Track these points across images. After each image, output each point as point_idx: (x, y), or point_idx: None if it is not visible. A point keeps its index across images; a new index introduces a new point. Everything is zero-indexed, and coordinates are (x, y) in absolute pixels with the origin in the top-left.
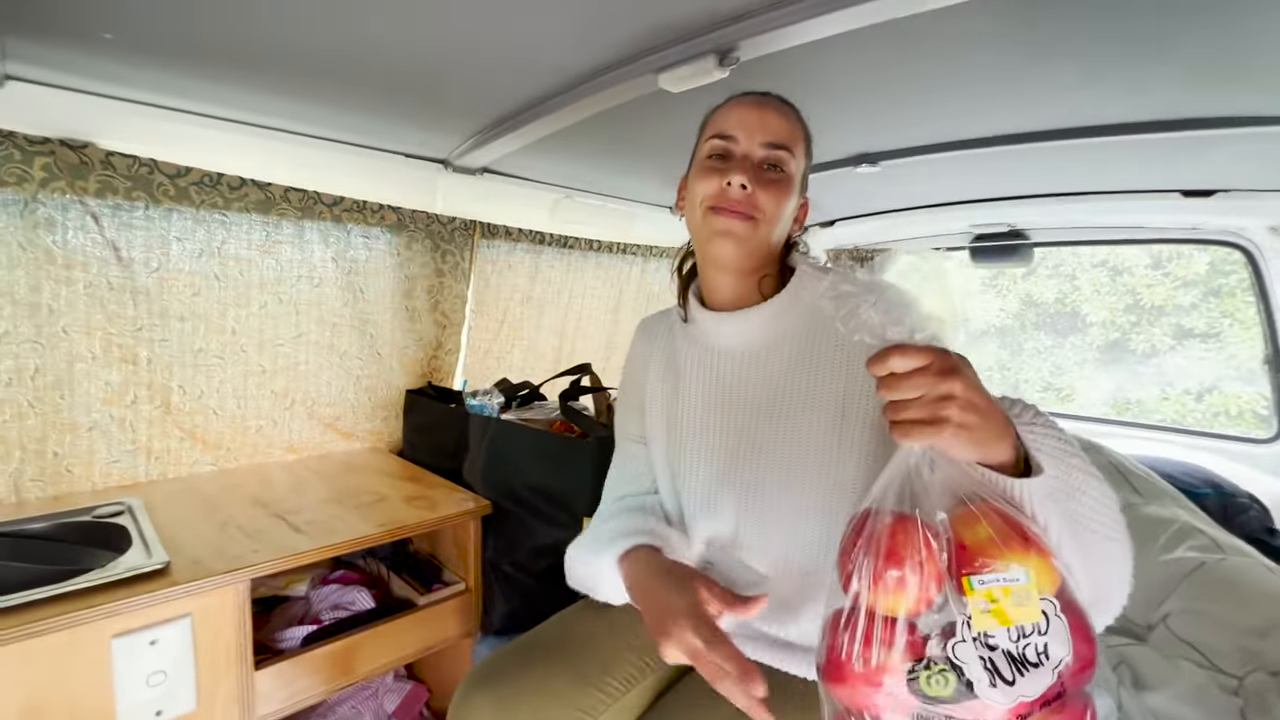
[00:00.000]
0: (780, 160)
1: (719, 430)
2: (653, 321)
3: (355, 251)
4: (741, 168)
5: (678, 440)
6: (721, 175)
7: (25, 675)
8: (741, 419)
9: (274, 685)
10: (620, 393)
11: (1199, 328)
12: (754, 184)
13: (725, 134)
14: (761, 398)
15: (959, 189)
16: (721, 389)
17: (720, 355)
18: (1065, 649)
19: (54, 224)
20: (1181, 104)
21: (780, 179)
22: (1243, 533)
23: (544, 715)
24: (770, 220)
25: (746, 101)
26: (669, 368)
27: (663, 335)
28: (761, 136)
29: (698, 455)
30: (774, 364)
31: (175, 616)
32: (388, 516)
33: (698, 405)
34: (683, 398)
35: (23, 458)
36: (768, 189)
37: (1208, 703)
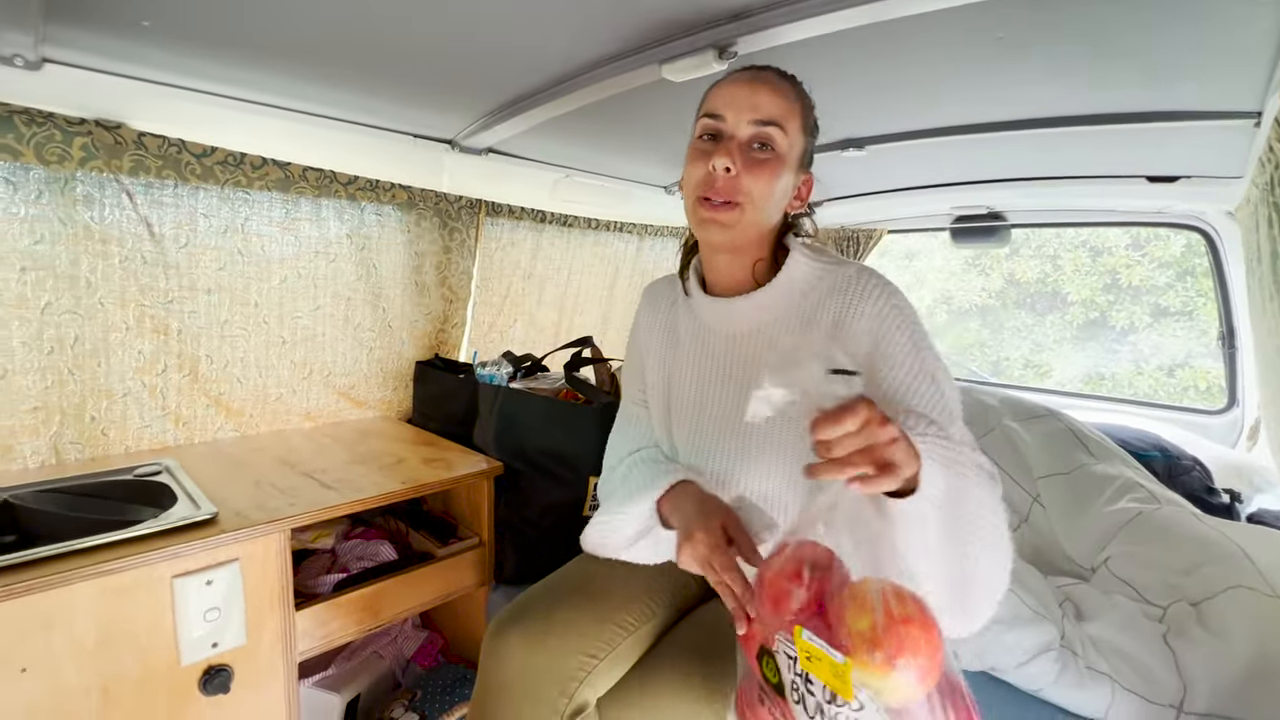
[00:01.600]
0: (768, 138)
1: (709, 403)
2: (659, 287)
3: (368, 229)
4: (725, 149)
5: (674, 407)
6: (707, 159)
7: (99, 610)
8: (729, 395)
9: (312, 624)
10: (626, 356)
11: (1174, 306)
12: (740, 166)
13: (714, 112)
14: (750, 377)
15: (940, 172)
16: (714, 365)
17: (714, 334)
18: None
19: (92, 201)
20: (1140, 98)
21: (768, 159)
22: (1184, 491)
23: (569, 648)
24: (758, 203)
25: (739, 78)
26: (670, 336)
27: (666, 303)
28: (750, 114)
29: (688, 425)
30: (762, 346)
31: (226, 560)
32: (409, 475)
33: (691, 378)
34: (680, 368)
35: (63, 421)
36: (754, 170)
37: (1135, 628)
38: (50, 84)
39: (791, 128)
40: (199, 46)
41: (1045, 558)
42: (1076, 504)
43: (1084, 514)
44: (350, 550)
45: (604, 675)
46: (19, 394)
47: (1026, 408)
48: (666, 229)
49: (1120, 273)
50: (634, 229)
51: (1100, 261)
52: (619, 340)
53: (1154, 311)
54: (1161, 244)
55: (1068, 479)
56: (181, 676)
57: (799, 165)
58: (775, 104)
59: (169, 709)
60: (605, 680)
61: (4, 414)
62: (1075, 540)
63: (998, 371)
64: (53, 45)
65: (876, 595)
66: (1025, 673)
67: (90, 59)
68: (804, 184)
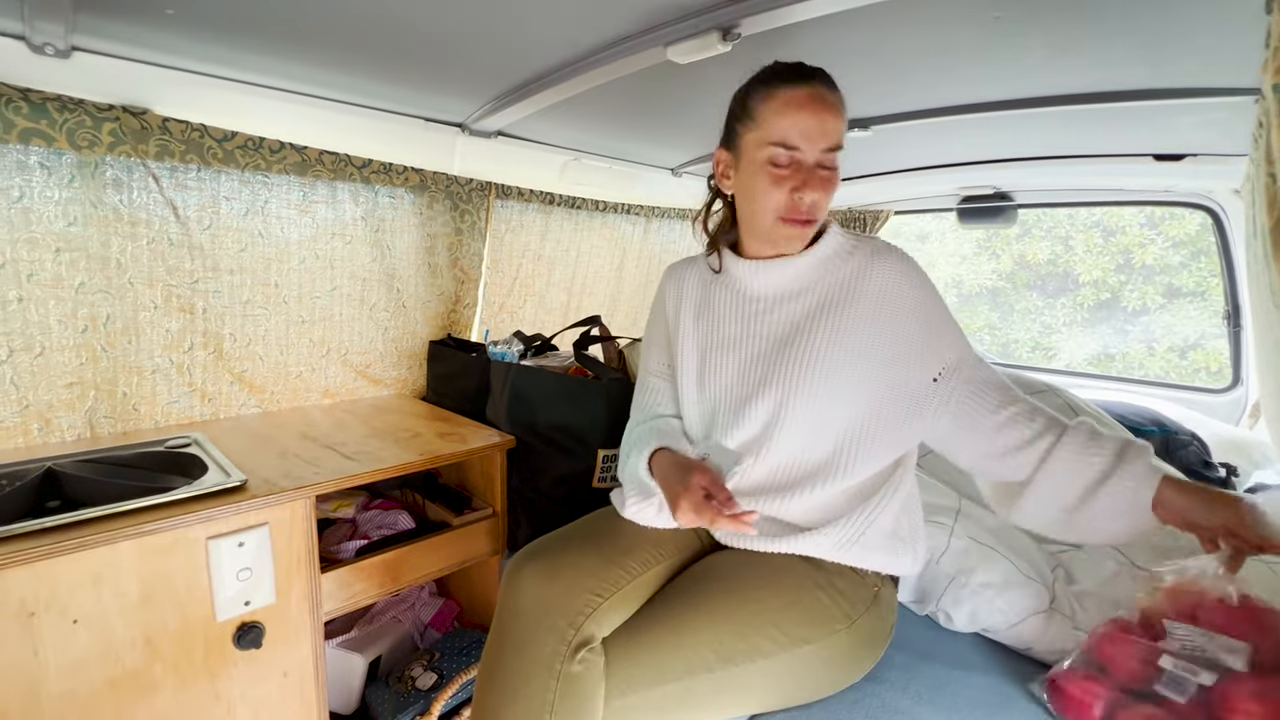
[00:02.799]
0: (833, 162)
1: (749, 361)
2: (681, 268)
3: (382, 211)
4: (810, 183)
5: (710, 371)
6: (789, 187)
7: (141, 569)
8: (771, 348)
9: (336, 587)
10: (647, 331)
11: (1188, 286)
12: (818, 192)
13: (789, 144)
14: (788, 333)
15: (946, 153)
16: (754, 325)
17: (751, 299)
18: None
19: (121, 184)
20: (1144, 76)
21: (834, 175)
22: (1181, 464)
23: (578, 584)
24: (824, 210)
25: (804, 104)
26: (703, 310)
27: (693, 282)
28: (823, 142)
29: (730, 381)
30: (800, 306)
31: (256, 524)
32: (425, 448)
33: (731, 342)
34: (717, 333)
35: (96, 397)
36: (825, 188)
37: (1119, 585)
38: (79, 71)
39: (845, 139)
40: (219, 34)
41: None
42: None
43: None
44: (370, 520)
45: (609, 613)
46: (56, 370)
47: (1026, 383)
48: (674, 211)
49: (1133, 252)
50: (641, 211)
51: (1113, 241)
52: (626, 320)
53: (1167, 292)
54: (1176, 222)
55: None
56: (217, 631)
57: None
58: (839, 127)
59: (207, 661)
60: (611, 618)
61: (43, 389)
62: None
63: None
64: (81, 34)
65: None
66: (1016, 633)
67: (116, 47)
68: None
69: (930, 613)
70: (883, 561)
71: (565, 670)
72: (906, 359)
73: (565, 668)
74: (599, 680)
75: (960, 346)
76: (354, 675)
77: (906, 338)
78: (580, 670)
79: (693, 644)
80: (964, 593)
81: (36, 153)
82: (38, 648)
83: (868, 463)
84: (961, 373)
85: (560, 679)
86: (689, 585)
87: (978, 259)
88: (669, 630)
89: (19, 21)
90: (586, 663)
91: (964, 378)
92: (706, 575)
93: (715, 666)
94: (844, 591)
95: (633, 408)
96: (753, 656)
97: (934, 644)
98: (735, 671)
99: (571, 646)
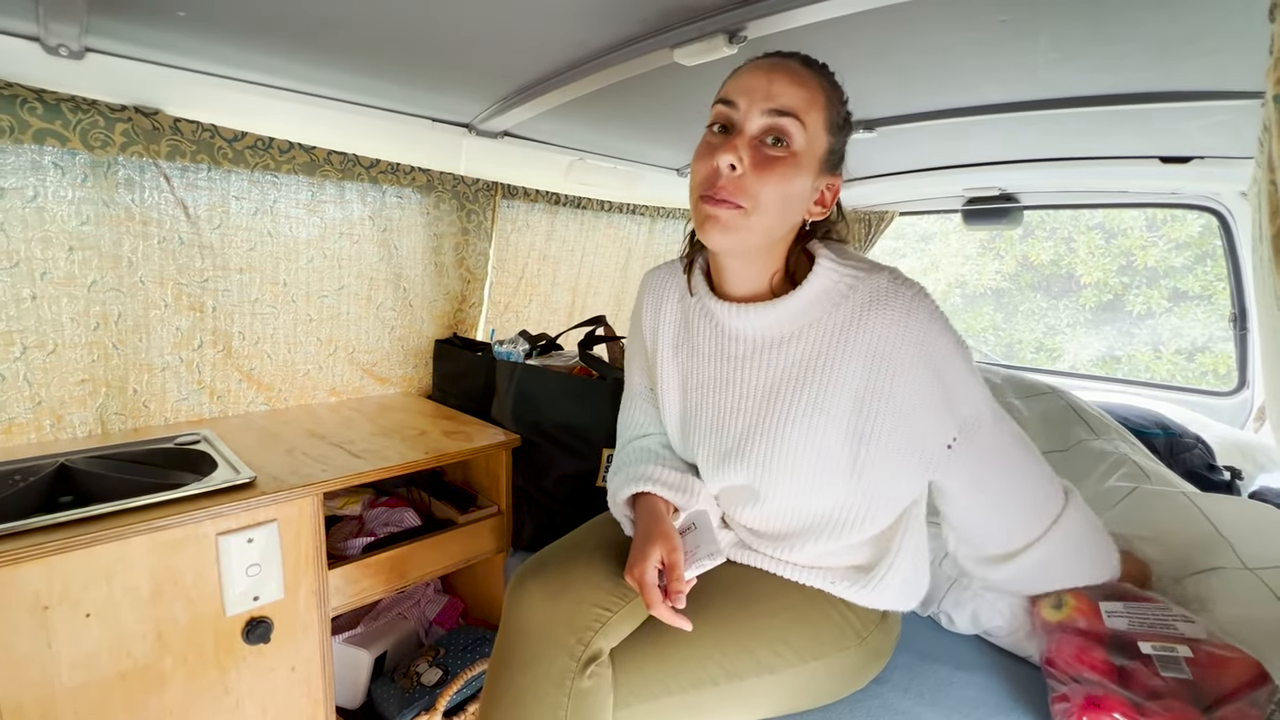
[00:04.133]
0: (782, 130)
1: (730, 411)
2: (662, 277)
3: (389, 211)
4: (732, 145)
5: (692, 411)
6: (713, 154)
7: (153, 563)
8: (753, 403)
9: (343, 583)
10: (628, 341)
11: (1193, 290)
12: (748, 163)
13: (727, 98)
14: (773, 387)
15: (952, 154)
16: (735, 370)
17: (733, 340)
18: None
19: (133, 184)
20: (1151, 78)
21: (781, 156)
22: (1185, 467)
23: (585, 599)
24: (765, 207)
25: (759, 64)
26: (684, 337)
27: (673, 302)
28: (764, 103)
29: (709, 430)
30: (787, 357)
31: (265, 521)
32: (431, 446)
33: (711, 383)
34: (698, 372)
35: (107, 394)
36: (764, 169)
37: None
38: (92, 72)
39: (812, 120)
40: (230, 35)
41: None
42: (1071, 480)
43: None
44: (376, 517)
45: (617, 627)
46: (68, 367)
47: (1029, 385)
48: (678, 211)
49: (1135, 254)
50: (646, 211)
51: (1115, 243)
52: None
53: (1172, 295)
54: (1177, 224)
55: (1065, 456)
56: (227, 626)
57: (821, 166)
58: (794, 93)
59: (217, 655)
60: (618, 632)
61: (55, 385)
62: None
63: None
64: (95, 35)
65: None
66: (1016, 639)
67: (129, 48)
68: (829, 188)
69: (932, 614)
70: (892, 602)
71: (576, 687)
72: (911, 424)
73: (576, 684)
74: (609, 693)
75: (976, 403)
76: (360, 670)
77: (910, 402)
78: (591, 685)
79: (699, 657)
80: (965, 595)
81: (51, 152)
82: (51, 640)
83: (872, 521)
84: (978, 438)
85: (571, 696)
86: (697, 598)
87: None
88: (676, 643)
89: (34, 23)
90: (596, 677)
91: (980, 445)
92: (714, 588)
93: (721, 680)
94: (854, 609)
95: (622, 412)
96: (759, 672)
97: (936, 645)
98: (741, 685)
99: (581, 662)
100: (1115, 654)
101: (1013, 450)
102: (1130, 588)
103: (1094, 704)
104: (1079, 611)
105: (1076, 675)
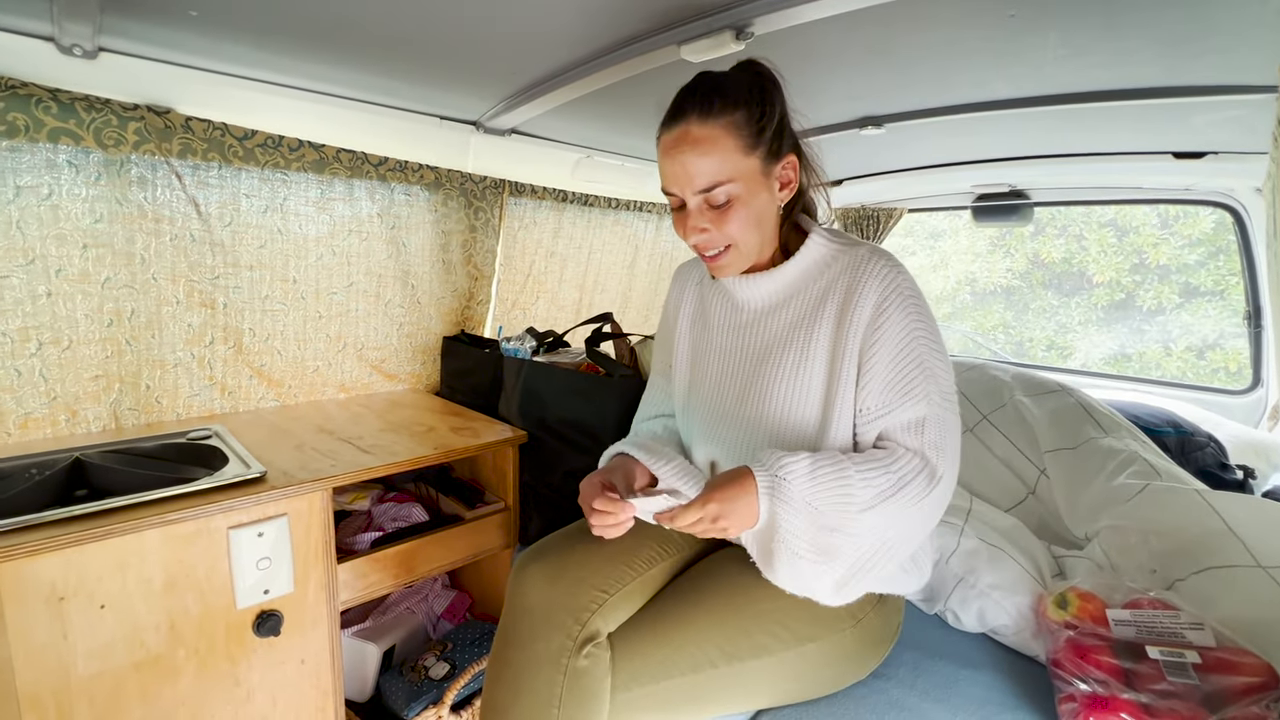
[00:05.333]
0: (715, 199)
1: (729, 374)
2: (687, 268)
3: (398, 208)
4: (689, 226)
5: (699, 378)
6: (685, 233)
7: (166, 556)
8: (749, 365)
9: (352, 577)
10: (658, 329)
11: (1205, 286)
12: (709, 222)
13: (667, 190)
14: (768, 347)
15: (960, 150)
16: (739, 337)
17: (741, 309)
18: None
19: (145, 182)
20: (1161, 73)
21: (726, 205)
22: (1197, 466)
23: (584, 581)
24: (743, 236)
25: (669, 152)
26: (700, 313)
27: (694, 283)
28: (690, 188)
29: (710, 393)
30: (781, 320)
31: (275, 515)
32: (439, 442)
33: (717, 351)
34: (707, 346)
35: (121, 389)
36: (721, 220)
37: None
38: (105, 72)
39: (731, 165)
40: (241, 34)
41: (1050, 529)
42: (1081, 478)
43: (1087, 488)
44: (385, 512)
45: (614, 610)
46: (83, 363)
47: (1038, 383)
48: None
49: (1147, 251)
50: (653, 208)
51: (1127, 241)
52: (638, 317)
53: (1184, 291)
54: (1190, 221)
55: (1074, 453)
56: (238, 619)
57: (764, 170)
58: (704, 165)
59: (227, 647)
60: (616, 614)
61: (70, 381)
62: (1075, 513)
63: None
64: (108, 35)
65: None
66: (1023, 639)
67: (142, 48)
68: (786, 166)
69: (938, 611)
70: (888, 585)
71: (572, 665)
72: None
73: (572, 662)
74: (605, 674)
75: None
76: (369, 664)
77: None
78: (587, 665)
79: (698, 640)
80: (971, 593)
81: (65, 151)
82: (67, 631)
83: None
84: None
85: (567, 674)
86: (695, 582)
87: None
88: (675, 626)
89: (49, 23)
90: (593, 657)
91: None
92: (712, 572)
93: (720, 663)
94: None
95: (643, 399)
96: (757, 654)
97: (942, 642)
98: (740, 668)
99: (578, 641)
100: (1122, 656)
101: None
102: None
103: (1100, 704)
104: (1084, 611)
105: (1083, 676)
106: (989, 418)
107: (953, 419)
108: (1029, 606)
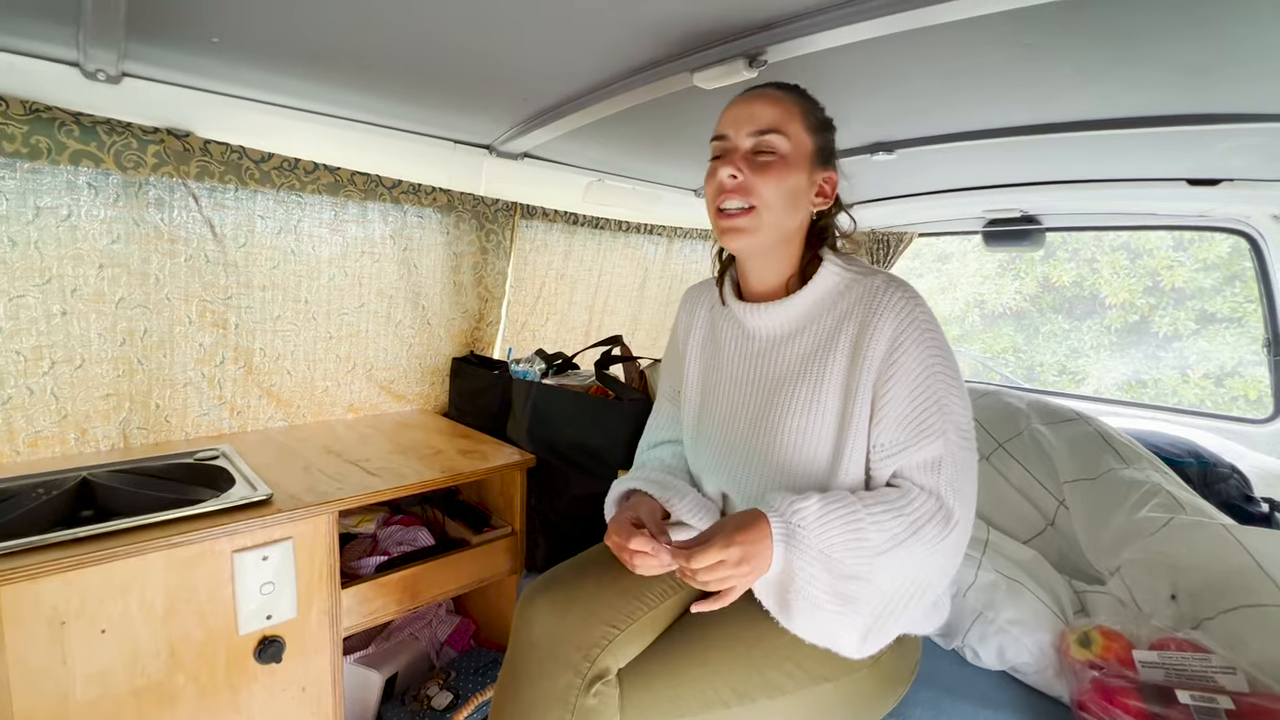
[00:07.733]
0: (769, 144)
1: (741, 404)
2: (697, 291)
3: (410, 230)
4: (729, 160)
5: (709, 407)
6: (717, 173)
7: (169, 580)
8: (761, 397)
9: (356, 602)
10: (665, 353)
11: (1222, 312)
12: (746, 171)
13: (719, 134)
14: (781, 378)
15: (972, 175)
16: (751, 367)
17: (753, 338)
18: None
19: (162, 203)
20: (1178, 101)
21: (772, 160)
22: (1221, 498)
23: (593, 616)
24: (771, 203)
25: (738, 100)
26: (710, 340)
27: (705, 308)
28: (748, 126)
29: (721, 424)
30: (794, 350)
31: (280, 539)
32: (446, 465)
33: (729, 380)
34: (717, 370)
35: (131, 408)
36: (760, 172)
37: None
38: (128, 96)
39: (793, 129)
40: (261, 60)
41: (1070, 562)
42: (1102, 510)
43: (1108, 521)
44: (390, 536)
45: (624, 646)
46: (94, 382)
47: (1055, 411)
48: (695, 231)
49: (1161, 275)
50: (664, 231)
51: (1140, 263)
52: (648, 340)
53: (1200, 317)
54: (1206, 244)
55: (1094, 484)
56: (239, 645)
57: (812, 162)
58: (771, 112)
59: (228, 673)
60: (626, 650)
61: (81, 400)
62: (1097, 547)
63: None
64: (132, 61)
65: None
66: (1045, 678)
67: (164, 73)
68: (825, 181)
69: (956, 647)
70: (909, 628)
71: (580, 704)
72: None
73: (580, 701)
74: (614, 714)
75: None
76: (370, 692)
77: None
78: (595, 704)
79: (709, 678)
80: (990, 629)
81: (85, 173)
82: (66, 656)
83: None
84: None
85: (575, 713)
86: (707, 617)
87: (1001, 279)
88: (686, 663)
89: (74, 50)
90: (601, 696)
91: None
92: (725, 610)
93: (732, 702)
94: None
95: (648, 424)
96: (770, 693)
97: (961, 681)
98: (752, 708)
99: (586, 680)
100: (1151, 700)
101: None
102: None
103: None
104: (1108, 650)
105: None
106: (1005, 446)
107: (970, 458)
108: (1050, 644)
